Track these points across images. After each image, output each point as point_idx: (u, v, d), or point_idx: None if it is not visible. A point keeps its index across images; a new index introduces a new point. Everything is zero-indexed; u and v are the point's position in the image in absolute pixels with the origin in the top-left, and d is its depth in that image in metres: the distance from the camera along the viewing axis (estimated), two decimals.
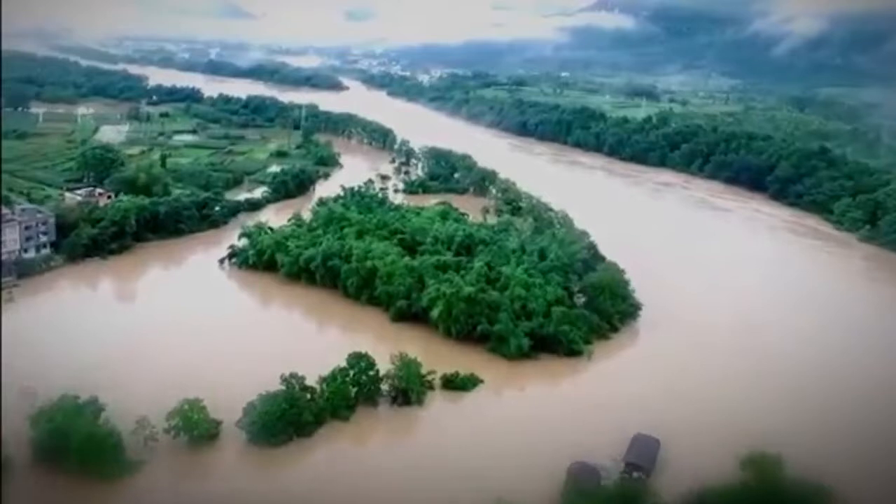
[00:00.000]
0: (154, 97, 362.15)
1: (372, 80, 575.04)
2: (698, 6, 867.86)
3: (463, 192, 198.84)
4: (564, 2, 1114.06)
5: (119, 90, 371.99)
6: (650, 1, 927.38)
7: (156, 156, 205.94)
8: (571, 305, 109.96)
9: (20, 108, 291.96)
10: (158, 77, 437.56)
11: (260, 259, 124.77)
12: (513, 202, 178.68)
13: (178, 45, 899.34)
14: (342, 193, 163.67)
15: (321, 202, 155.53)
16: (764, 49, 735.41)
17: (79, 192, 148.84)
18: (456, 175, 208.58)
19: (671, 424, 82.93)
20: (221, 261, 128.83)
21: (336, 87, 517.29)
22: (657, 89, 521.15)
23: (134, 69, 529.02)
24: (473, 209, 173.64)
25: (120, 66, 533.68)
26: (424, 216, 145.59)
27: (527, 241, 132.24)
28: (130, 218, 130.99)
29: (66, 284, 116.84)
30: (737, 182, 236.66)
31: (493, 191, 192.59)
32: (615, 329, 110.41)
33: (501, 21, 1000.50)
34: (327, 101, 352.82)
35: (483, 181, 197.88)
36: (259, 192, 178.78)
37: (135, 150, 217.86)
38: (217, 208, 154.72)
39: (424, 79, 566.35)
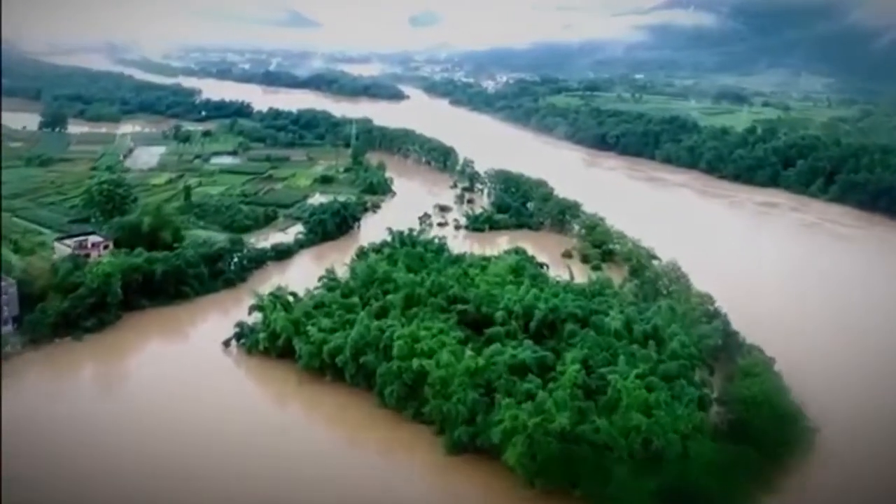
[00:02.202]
0: (203, 112, 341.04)
1: (434, 88, 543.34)
2: None
3: (537, 227, 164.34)
4: (636, 0, 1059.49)
5: (167, 106, 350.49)
6: None
7: (190, 184, 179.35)
8: (713, 432, 74.23)
9: (57, 129, 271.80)
10: (216, 90, 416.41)
11: (273, 344, 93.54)
12: (602, 244, 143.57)
13: (242, 55, 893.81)
14: (389, 239, 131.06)
15: (361, 252, 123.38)
16: (862, 44, 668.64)
17: (66, 241, 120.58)
18: (529, 205, 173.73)
19: None
20: (227, 342, 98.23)
21: (396, 96, 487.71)
22: (746, 90, 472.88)
23: (191, 82, 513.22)
24: (552, 251, 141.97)
25: (177, 79, 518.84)
26: (492, 273, 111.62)
27: (633, 315, 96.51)
28: (114, 284, 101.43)
29: (14, 383, 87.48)
30: (874, 208, 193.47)
31: (576, 227, 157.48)
32: (782, 468, 73.89)
33: (570, 22, 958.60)
34: (386, 113, 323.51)
35: (562, 215, 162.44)
36: (293, 233, 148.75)
37: (162, 179, 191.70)
38: (235, 259, 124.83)
39: (489, 85, 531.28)
